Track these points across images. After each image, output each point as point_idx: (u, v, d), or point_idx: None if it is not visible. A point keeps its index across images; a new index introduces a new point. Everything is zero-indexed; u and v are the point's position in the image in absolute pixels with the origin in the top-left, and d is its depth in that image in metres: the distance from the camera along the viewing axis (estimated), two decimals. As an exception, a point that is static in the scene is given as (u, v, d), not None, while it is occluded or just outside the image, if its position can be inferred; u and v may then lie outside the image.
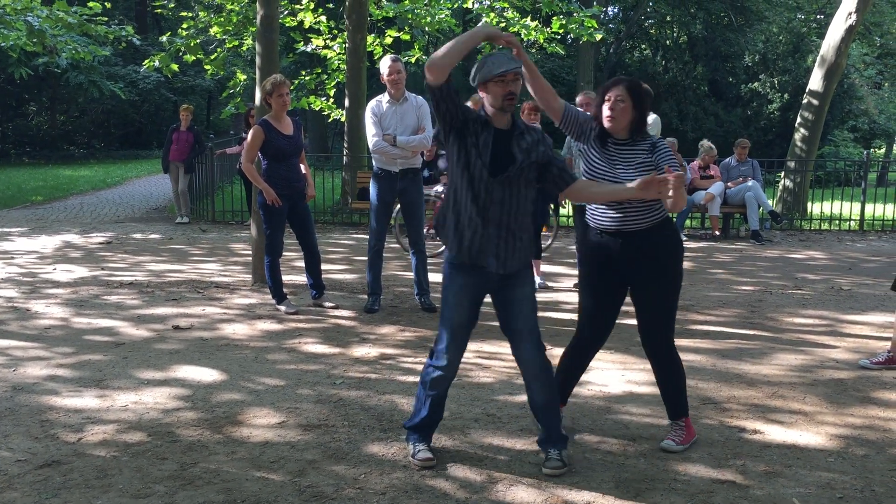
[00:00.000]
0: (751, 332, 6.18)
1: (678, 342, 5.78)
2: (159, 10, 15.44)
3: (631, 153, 3.78)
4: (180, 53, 13.26)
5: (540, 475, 3.60)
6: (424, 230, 6.94)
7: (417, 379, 4.89)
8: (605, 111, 3.76)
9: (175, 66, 13.28)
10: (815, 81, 14.03)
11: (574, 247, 10.48)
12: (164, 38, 13.49)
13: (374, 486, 3.49)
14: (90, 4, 12.25)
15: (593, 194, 3.76)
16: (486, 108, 3.59)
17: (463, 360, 5.35)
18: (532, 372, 3.71)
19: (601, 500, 3.38)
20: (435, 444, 3.91)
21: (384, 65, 6.45)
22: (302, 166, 6.68)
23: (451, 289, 3.65)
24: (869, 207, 12.92)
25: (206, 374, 5.03)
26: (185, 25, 13.42)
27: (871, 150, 26.45)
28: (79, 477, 3.55)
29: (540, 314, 6.64)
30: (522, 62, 3.59)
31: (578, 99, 7.07)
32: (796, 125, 14.48)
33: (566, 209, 11.45)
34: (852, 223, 12.70)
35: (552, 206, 12.71)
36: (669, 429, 4.01)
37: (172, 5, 14.72)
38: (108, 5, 13.31)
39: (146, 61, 13.76)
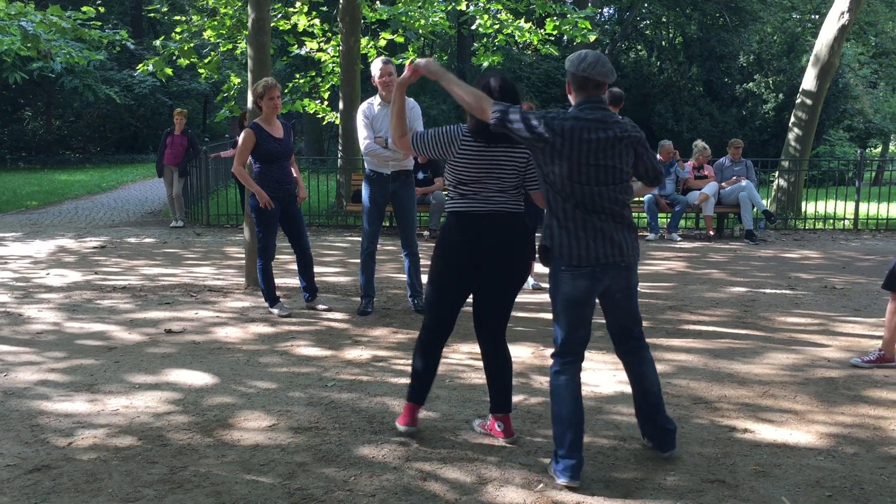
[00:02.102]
0: (743, 332, 6.19)
1: (670, 342, 5.82)
2: (153, 15, 15.42)
3: None
4: (174, 57, 13.25)
5: (530, 476, 3.60)
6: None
7: (409, 381, 4.91)
8: None
9: (169, 70, 13.27)
10: (809, 81, 14.06)
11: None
12: (157, 43, 13.47)
13: (363, 488, 3.49)
14: (84, 9, 12.23)
15: None
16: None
17: (455, 361, 5.38)
18: None
19: (591, 501, 3.38)
20: (426, 447, 3.92)
21: (375, 67, 6.45)
22: (293, 169, 6.69)
23: None
24: (863, 206, 12.94)
25: (197, 378, 5.02)
26: (178, 29, 13.41)
27: (868, 149, 26.48)
28: (68, 481, 3.55)
29: (533, 315, 6.68)
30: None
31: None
32: (790, 125, 14.51)
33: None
34: (846, 222, 12.72)
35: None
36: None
37: (166, 9, 14.70)
38: (103, 10, 13.33)
39: (140, 65, 13.75)
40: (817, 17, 27.73)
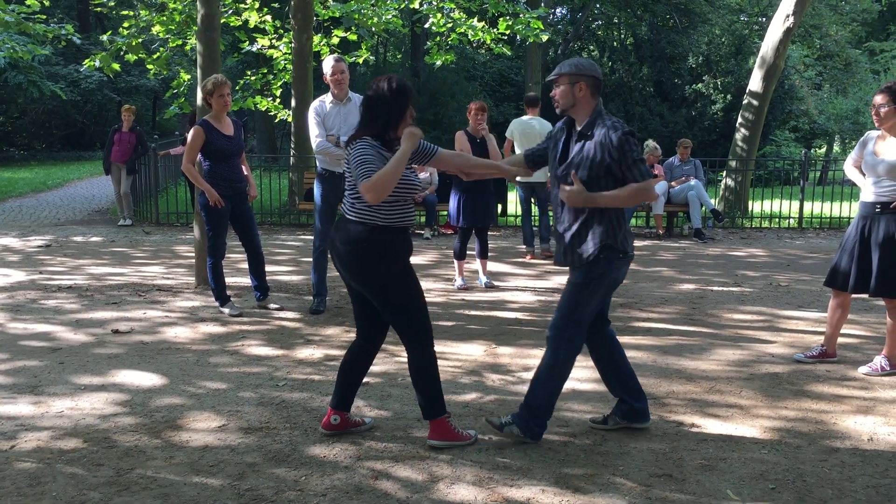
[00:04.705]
0: (691, 329, 6.29)
1: (621, 339, 5.88)
2: (99, 9, 15.12)
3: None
4: (122, 53, 13.00)
5: (481, 473, 3.62)
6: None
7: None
8: None
9: (116, 66, 13.01)
10: (755, 82, 14.34)
11: (521, 246, 10.54)
12: (104, 37, 13.19)
13: (314, 487, 3.48)
14: (28, 2, 11.93)
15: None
16: None
17: (406, 360, 5.36)
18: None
19: (541, 496, 3.41)
20: (377, 446, 3.92)
21: (327, 65, 6.42)
22: (243, 167, 6.62)
23: None
24: (808, 206, 13.25)
25: (145, 379, 4.94)
26: (126, 24, 13.16)
27: (812, 149, 27.02)
28: (10, 485, 3.47)
29: (486, 313, 6.71)
30: None
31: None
32: (737, 125, 14.78)
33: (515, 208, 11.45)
34: (792, 221, 13.01)
35: (500, 205, 12.82)
36: None
37: (113, 3, 14.41)
38: (48, 3, 13.00)
39: (87, 61, 13.46)
40: (764, 19, 28.29)
